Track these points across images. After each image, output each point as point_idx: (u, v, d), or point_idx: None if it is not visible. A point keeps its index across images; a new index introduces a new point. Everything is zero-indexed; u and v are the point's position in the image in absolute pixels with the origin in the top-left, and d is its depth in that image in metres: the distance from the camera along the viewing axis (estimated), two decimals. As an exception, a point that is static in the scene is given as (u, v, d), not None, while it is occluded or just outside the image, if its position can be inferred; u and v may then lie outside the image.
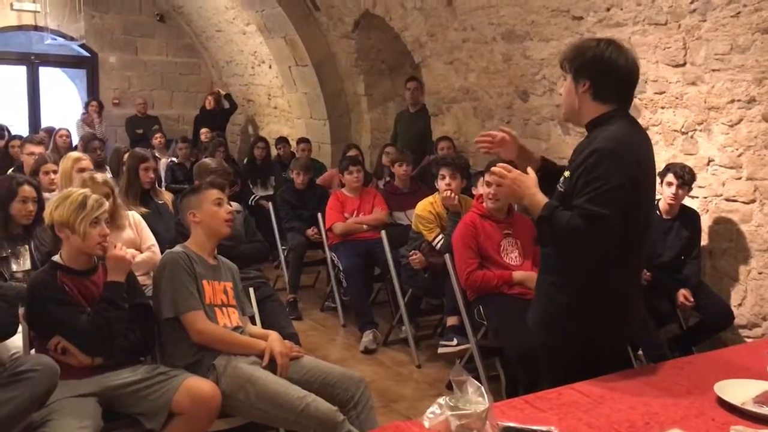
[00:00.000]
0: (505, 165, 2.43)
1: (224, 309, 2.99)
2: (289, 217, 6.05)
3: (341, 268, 5.31)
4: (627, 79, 2.37)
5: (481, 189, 4.19)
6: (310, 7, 7.66)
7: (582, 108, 2.38)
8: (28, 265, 3.41)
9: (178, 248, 3.05)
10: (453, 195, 4.53)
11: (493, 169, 2.45)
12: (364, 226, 5.40)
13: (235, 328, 2.97)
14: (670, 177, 4.10)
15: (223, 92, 10.30)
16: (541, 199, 2.32)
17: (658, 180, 4.23)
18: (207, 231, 3.08)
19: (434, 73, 6.49)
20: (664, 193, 4.14)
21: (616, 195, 2.19)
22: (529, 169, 2.44)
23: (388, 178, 6.31)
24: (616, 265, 2.32)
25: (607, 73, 2.32)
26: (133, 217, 3.89)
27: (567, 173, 2.37)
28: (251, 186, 7.58)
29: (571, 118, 2.52)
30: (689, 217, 4.23)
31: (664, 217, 4.20)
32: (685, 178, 4.07)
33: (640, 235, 2.40)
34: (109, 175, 4.88)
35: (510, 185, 2.37)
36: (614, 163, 2.21)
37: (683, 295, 4.07)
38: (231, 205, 3.30)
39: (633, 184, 2.23)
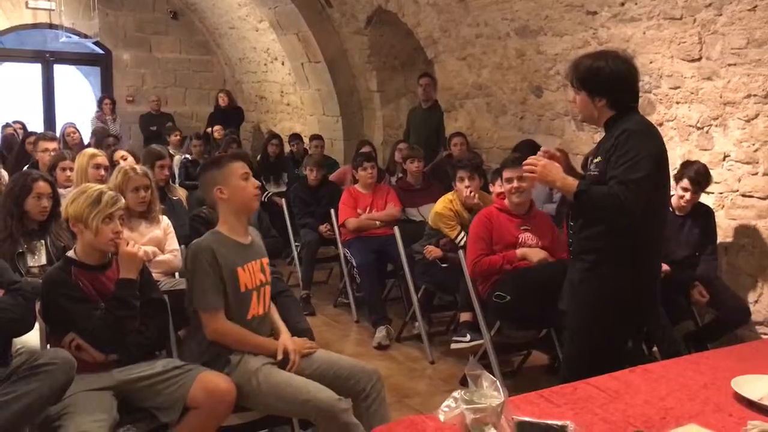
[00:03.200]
0: (533, 157, 2.76)
1: (262, 290, 2.89)
2: (302, 214, 6.07)
3: (354, 264, 5.32)
4: (636, 86, 2.72)
5: (498, 188, 4.23)
6: (323, 4, 7.66)
7: (600, 115, 2.72)
8: (43, 260, 3.44)
9: (207, 236, 2.87)
10: (474, 195, 4.56)
11: (524, 165, 2.77)
12: (377, 222, 5.40)
13: (263, 316, 2.92)
14: (684, 182, 4.03)
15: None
16: (573, 180, 2.66)
17: (672, 180, 4.21)
18: (236, 208, 2.89)
19: (447, 69, 6.48)
20: (677, 194, 4.08)
21: (648, 162, 2.52)
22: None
23: (400, 175, 6.31)
24: (644, 241, 2.63)
25: (621, 87, 2.66)
26: (165, 220, 3.94)
27: (597, 158, 2.67)
28: (264, 182, 7.59)
29: (589, 121, 2.86)
30: (702, 214, 4.17)
31: (677, 214, 4.14)
32: (701, 183, 4.02)
33: (664, 213, 2.75)
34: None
35: (542, 171, 2.70)
36: (643, 138, 2.58)
37: (698, 291, 4.03)
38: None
39: (659, 159, 2.59)
